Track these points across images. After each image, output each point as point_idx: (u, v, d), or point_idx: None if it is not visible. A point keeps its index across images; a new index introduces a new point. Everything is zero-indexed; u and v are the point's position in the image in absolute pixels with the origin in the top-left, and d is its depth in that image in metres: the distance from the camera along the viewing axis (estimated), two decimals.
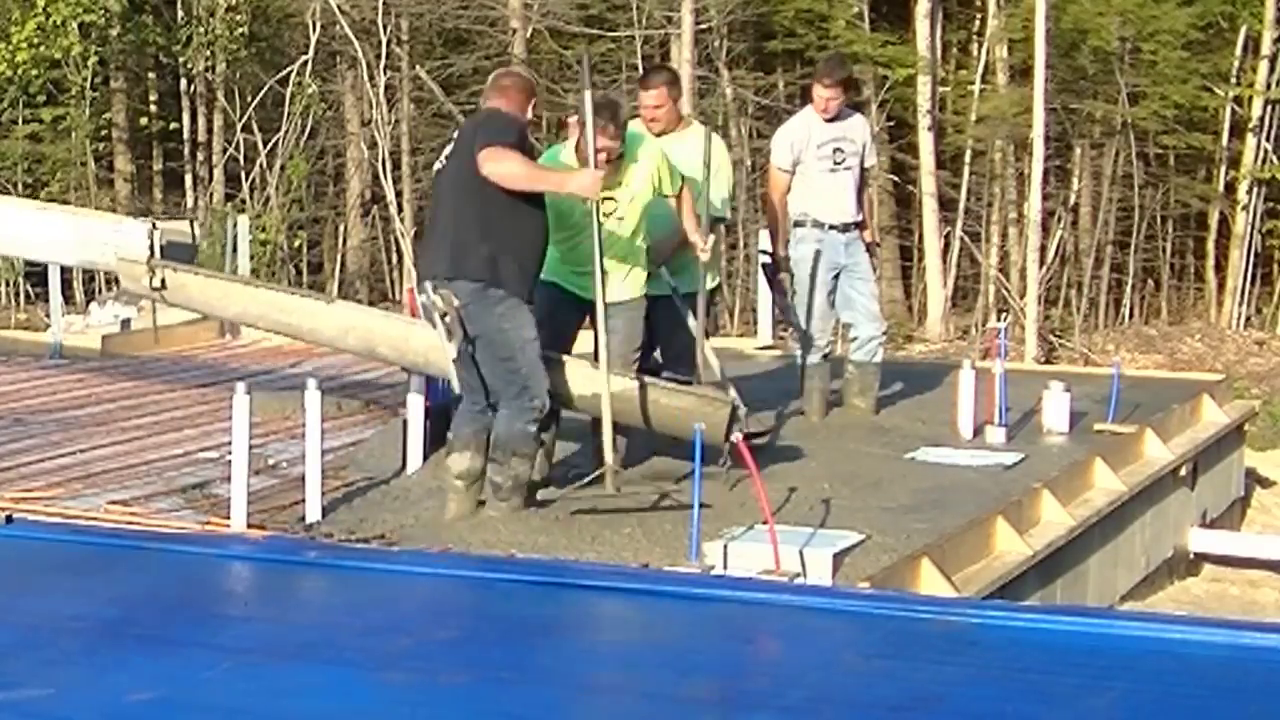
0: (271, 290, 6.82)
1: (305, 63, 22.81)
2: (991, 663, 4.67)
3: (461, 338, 6.32)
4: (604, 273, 6.79)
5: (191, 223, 7.59)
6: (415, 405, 7.32)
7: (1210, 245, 23.09)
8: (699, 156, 7.57)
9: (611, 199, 7.02)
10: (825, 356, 8.74)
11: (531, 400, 6.45)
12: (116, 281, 7.45)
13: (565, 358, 6.86)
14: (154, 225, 7.03)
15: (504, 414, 6.49)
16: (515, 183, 6.39)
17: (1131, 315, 22.52)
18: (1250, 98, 22.08)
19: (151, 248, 6.94)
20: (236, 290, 6.81)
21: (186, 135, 24.43)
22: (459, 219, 6.39)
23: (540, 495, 6.80)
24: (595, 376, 6.67)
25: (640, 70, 21.92)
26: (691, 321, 7.49)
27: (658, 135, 7.63)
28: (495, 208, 6.35)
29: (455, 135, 6.62)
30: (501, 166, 6.31)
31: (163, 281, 6.90)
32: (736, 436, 6.47)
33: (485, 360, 6.42)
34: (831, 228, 8.68)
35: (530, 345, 6.43)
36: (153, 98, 24.71)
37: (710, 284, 7.70)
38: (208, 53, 23.68)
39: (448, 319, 6.28)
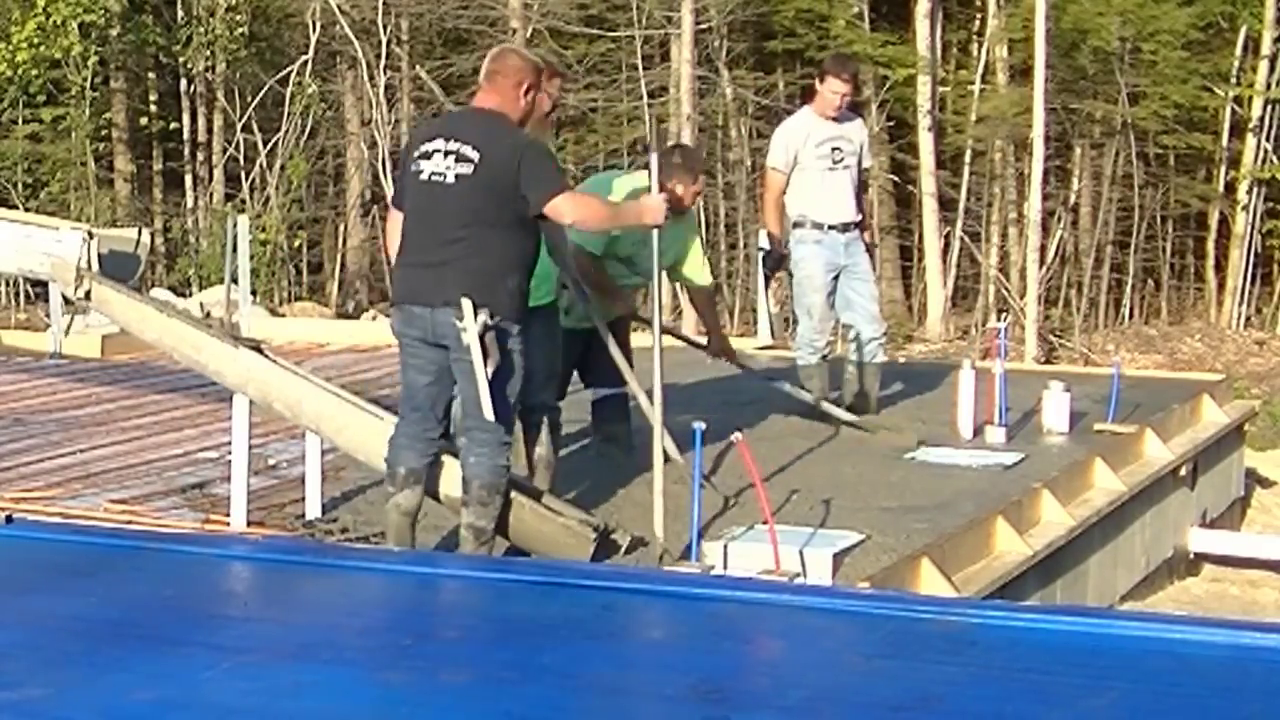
0: (185, 325, 6.64)
1: (305, 63, 22.84)
2: (991, 663, 4.66)
3: (497, 358, 5.92)
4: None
5: (140, 230, 7.40)
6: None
7: (1210, 245, 23.11)
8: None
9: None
10: (824, 357, 8.73)
11: (509, 435, 6.16)
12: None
13: None
14: (89, 234, 6.85)
15: (483, 451, 6.05)
16: (598, 225, 6.37)
17: (1131, 315, 22.53)
18: (1250, 98, 22.09)
19: (88, 259, 6.78)
20: (153, 317, 6.73)
21: (186, 135, 24.46)
22: (484, 247, 5.97)
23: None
24: None
25: (640, 68, 21.96)
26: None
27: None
28: (520, 240, 6.05)
29: (454, 136, 6.07)
30: (585, 212, 6.12)
31: (87, 293, 6.83)
32: (737, 436, 6.45)
33: (494, 387, 5.98)
34: (830, 228, 8.62)
35: (521, 376, 6.14)
36: (153, 98, 24.73)
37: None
38: (208, 53, 23.70)
39: (486, 337, 5.86)
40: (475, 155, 5.98)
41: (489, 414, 5.91)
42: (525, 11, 22.11)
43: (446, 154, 6.02)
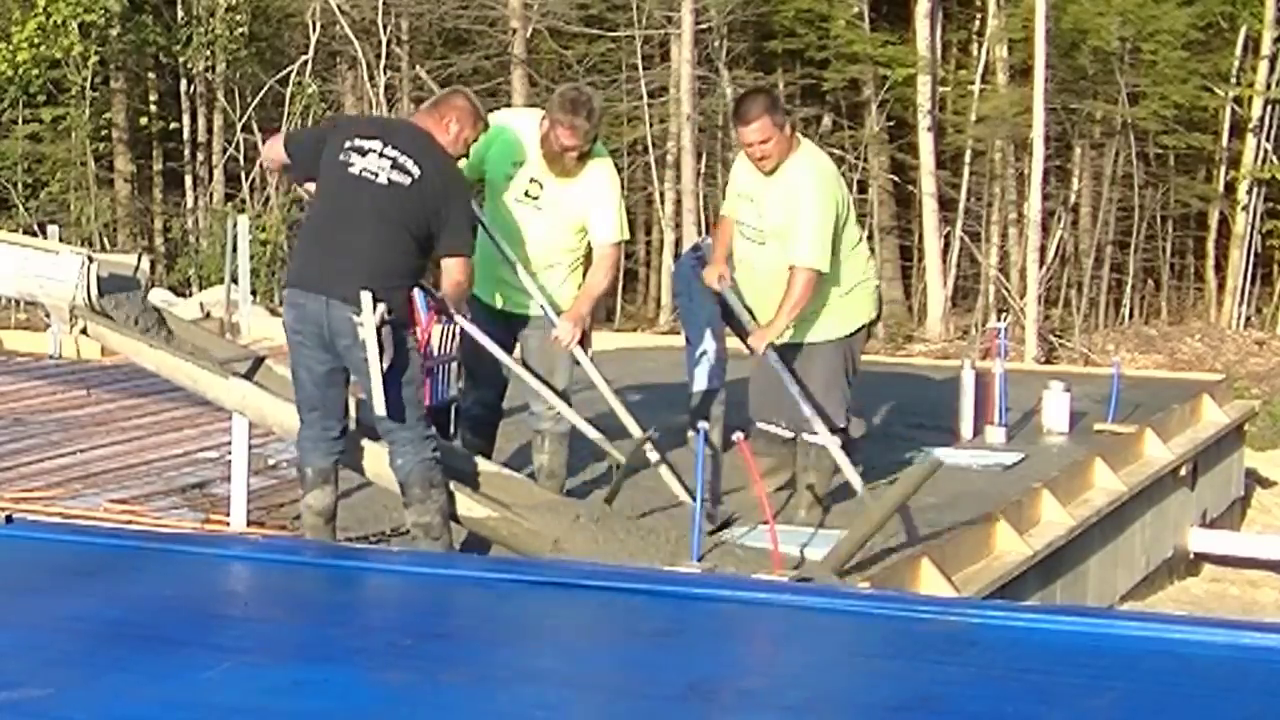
0: (177, 357, 6.84)
1: (305, 63, 22.82)
2: (991, 663, 4.67)
3: (391, 355, 5.97)
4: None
5: (140, 255, 7.45)
6: None
7: (1210, 245, 23.10)
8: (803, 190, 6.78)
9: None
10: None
11: (428, 426, 6.20)
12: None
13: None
14: (89, 258, 6.88)
15: (404, 450, 6.14)
16: (459, 298, 6.27)
17: (1131, 315, 22.52)
18: (1250, 98, 22.08)
19: (87, 285, 6.84)
20: (146, 351, 6.90)
21: (186, 135, 24.43)
22: (390, 251, 6.05)
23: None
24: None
25: (640, 68, 21.97)
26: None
27: (769, 173, 6.82)
28: (419, 256, 6.13)
29: (394, 144, 6.10)
30: (462, 281, 6.17)
31: (84, 329, 6.95)
32: (738, 436, 6.44)
33: (392, 385, 6.04)
34: None
35: (421, 374, 6.23)
36: (153, 98, 24.70)
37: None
38: (208, 53, 23.67)
39: (383, 333, 5.93)
40: (416, 171, 6.07)
41: (381, 409, 5.98)
42: (525, 11, 22.10)
43: (383, 156, 6.08)
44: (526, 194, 6.78)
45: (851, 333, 6.93)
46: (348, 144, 6.13)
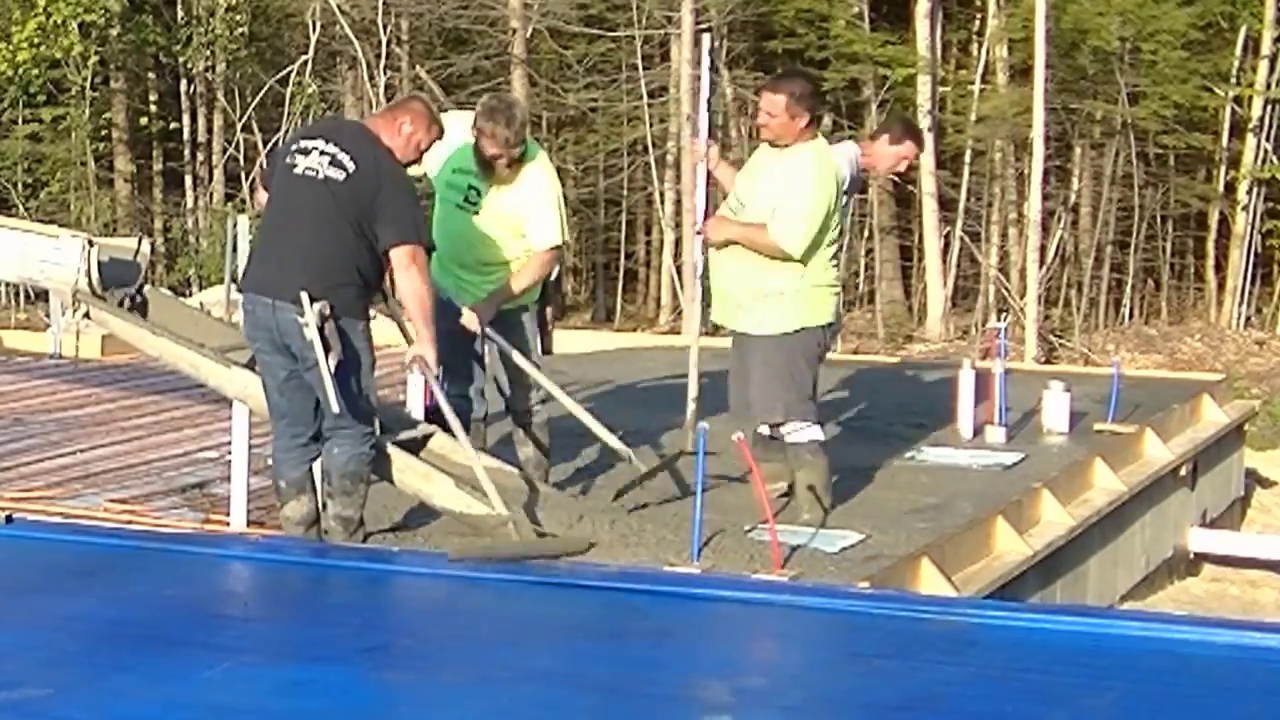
0: (181, 346, 6.88)
1: (305, 63, 22.81)
2: (991, 663, 4.67)
3: (339, 351, 5.97)
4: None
5: (140, 239, 7.45)
6: (414, 404, 7.32)
7: (1210, 245, 23.09)
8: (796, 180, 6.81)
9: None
10: None
11: (371, 424, 6.21)
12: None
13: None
14: (89, 242, 6.87)
15: (344, 443, 6.14)
16: (418, 304, 6.08)
17: (1131, 315, 22.51)
18: (1250, 98, 22.08)
19: (88, 270, 6.82)
20: (149, 337, 6.96)
21: (186, 135, 24.43)
22: (332, 250, 6.05)
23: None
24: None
25: (640, 68, 21.97)
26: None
27: (772, 145, 6.91)
28: (366, 254, 6.08)
29: (334, 141, 6.12)
30: (417, 283, 6.03)
31: (87, 313, 6.98)
32: (738, 436, 6.44)
33: (342, 381, 6.03)
34: None
35: (372, 370, 6.22)
36: (153, 98, 24.70)
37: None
38: (208, 53, 23.67)
39: (326, 330, 5.92)
40: (351, 166, 6.08)
41: (335, 406, 5.97)
42: (525, 11, 22.09)
43: (323, 153, 6.10)
44: (466, 200, 6.86)
45: (793, 331, 6.77)
46: (294, 147, 6.21)
